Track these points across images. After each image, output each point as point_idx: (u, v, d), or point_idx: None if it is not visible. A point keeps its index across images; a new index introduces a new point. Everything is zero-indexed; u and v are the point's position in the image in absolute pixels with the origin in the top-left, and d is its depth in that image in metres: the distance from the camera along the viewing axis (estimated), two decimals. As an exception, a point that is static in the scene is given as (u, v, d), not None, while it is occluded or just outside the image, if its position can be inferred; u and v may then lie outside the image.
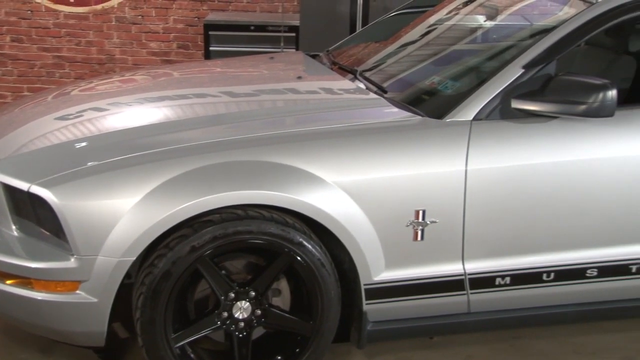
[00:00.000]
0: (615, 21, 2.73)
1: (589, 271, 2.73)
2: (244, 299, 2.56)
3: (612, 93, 2.50)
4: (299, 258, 2.52)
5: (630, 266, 2.75)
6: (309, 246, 2.52)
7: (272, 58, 3.86)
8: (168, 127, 2.76)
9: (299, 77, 3.40)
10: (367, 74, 3.19)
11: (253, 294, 2.57)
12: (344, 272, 2.64)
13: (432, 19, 3.62)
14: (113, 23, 6.31)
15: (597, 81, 2.53)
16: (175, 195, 2.40)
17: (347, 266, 2.62)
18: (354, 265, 2.57)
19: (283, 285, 2.66)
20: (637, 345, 2.98)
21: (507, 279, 2.70)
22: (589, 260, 2.72)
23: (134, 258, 2.41)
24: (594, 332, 3.05)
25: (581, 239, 2.71)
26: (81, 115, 2.94)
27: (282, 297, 2.66)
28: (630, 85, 3.57)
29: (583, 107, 2.52)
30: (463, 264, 2.66)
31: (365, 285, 2.60)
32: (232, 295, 2.55)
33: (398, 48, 3.49)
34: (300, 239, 2.50)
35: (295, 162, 2.50)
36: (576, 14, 2.73)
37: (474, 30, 3.42)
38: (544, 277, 2.72)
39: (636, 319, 3.04)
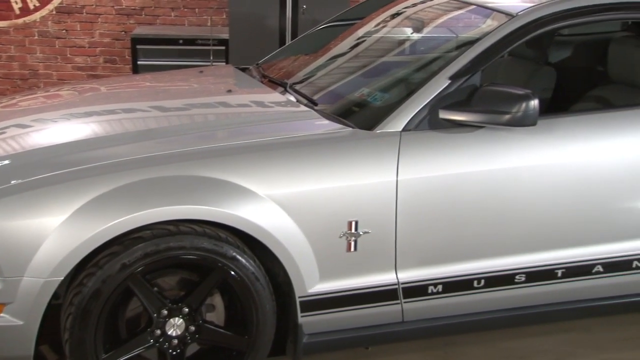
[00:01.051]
0: (534, 33, 2.81)
1: (517, 277, 2.80)
2: (177, 316, 2.52)
3: (534, 103, 2.58)
4: (232, 273, 2.50)
5: (556, 270, 2.82)
6: (243, 260, 2.50)
7: (201, 72, 3.83)
8: (96, 143, 2.71)
9: (229, 91, 3.39)
10: (297, 87, 3.20)
11: (186, 310, 2.53)
12: (279, 285, 2.63)
13: (360, 32, 3.66)
14: (36, 37, 6.16)
15: (520, 91, 2.60)
16: (104, 212, 2.35)
17: (281, 279, 2.61)
18: (288, 278, 2.57)
19: (217, 300, 2.63)
20: (565, 347, 3.06)
21: (439, 287, 2.73)
22: (518, 266, 2.79)
23: (62, 278, 2.35)
24: (523, 336, 3.12)
25: (509, 246, 2.77)
26: (3, 133, 2.86)
27: (216, 312, 2.64)
28: (551, 94, 3.69)
29: (507, 116, 2.58)
30: (396, 274, 2.69)
31: (300, 297, 2.59)
32: (165, 312, 2.51)
33: (328, 60, 3.52)
34: (234, 254, 2.49)
35: (227, 176, 2.48)
36: (498, 27, 2.81)
37: (401, 42, 3.47)
38: (475, 284, 2.77)
39: (563, 322, 3.13)
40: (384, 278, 2.68)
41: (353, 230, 2.59)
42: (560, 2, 2.89)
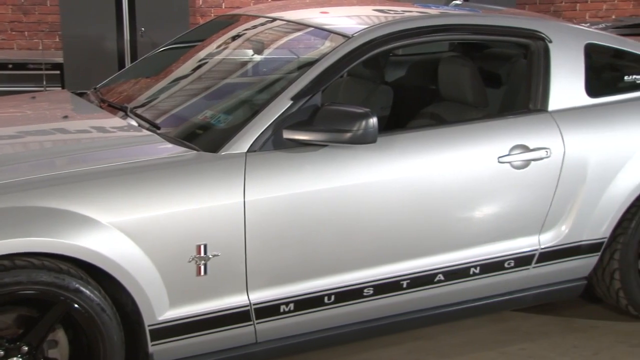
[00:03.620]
0: (370, 54, 2.92)
1: (366, 290, 2.87)
2: (16, 356, 2.37)
3: (373, 121, 2.67)
4: (76, 305, 2.39)
5: (402, 282, 2.93)
6: (87, 292, 2.40)
7: (34, 97, 3.65)
8: None
9: (65, 117, 3.25)
10: (138, 111, 3.12)
11: (26, 348, 2.39)
12: (127, 314, 2.54)
13: (202, 54, 3.65)
14: None
15: (359, 110, 2.69)
16: None
17: (129, 308, 2.53)
18: (136, 307, 2.49)
19: (60, 335, 2.50)
20: (413, 356, 3.17)
21: (291, 306, 2.76)
22: (365, 279, 2.86)
23: None
24: (374, 348, 3.20)
25: (356, 261, 2.84)
26: None
27: (59, 348, 2.50)
28: (389, 112, 3.85)
29: (348, 135, 2.66)
30: (248, 295, 2.68)
31: (149, 326, 2.52)
32: (2, 352, 2.35)
33: (169, 83, 3.47)
34: (77, 285, 2.38)
35: (67, 205, 2.38)
36: (335, 48, 2.90)
37: (243, 64, 3.49)
38: (326, 300, 2.81)
39: (410, 331, 3.24)
40: (236, 300, 2.66)
41: (202, 254, 2.56)
42: (393, 23, 3.03)
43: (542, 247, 3.15)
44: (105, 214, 2.42)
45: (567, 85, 3.20)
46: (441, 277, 2.99)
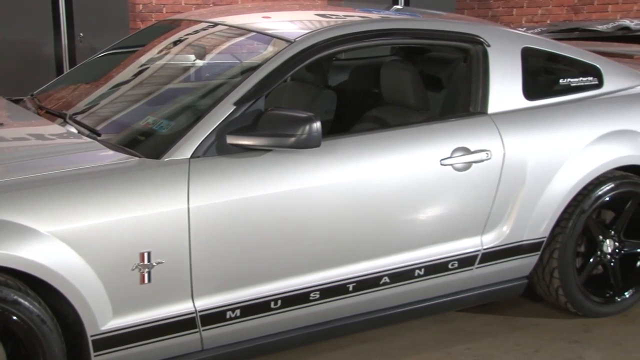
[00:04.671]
0: (312, 58, 2.93)
1: (312, 294, 2.87)
2: (-47, 372, 2.30)
3: (317, 125, 2.68)
4: (15, 317, 2.32)
5: (348, 285, 2.94)
6: (26, 303, 2.34)
7: (-34, 104, 3.55)
8: None
9: (1, 124, 3.16)
10: (78, 118, 3.07)
11: (-37, 364, 2.32)
12: (69, 324, 2.49)
13: (143, 59, 3.60)
14: None
15: (303, 114, 2.69)
16: None
17: (71, 319, 2.48)
18: (78, 317, 2.44)
19: (-2, 349, 2.43)
20: (359, 358, 3.18)
21: (238, 312, 2.74)
22: (312, 284, 2.86)
23: None
24: (321, 352, 3.20)
25: (302, 265, 2.84)
26: None
27: (-3, 363, 2.44)
28: (333, 116, 3.87)
29: (292, 139, 2.66)
30: (193, 302, 2.65)
31: (92, 336, 2.48)
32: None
33: (110, 89, 3.41)
34: (15, 297, 2.32)
35: (3, 215, 2.33)
36: (277, 53, 2.90)
37: (186, 69, 3.46)
38: (272, 305, 2.80)
39: (357, 333, 3.25)
40: (181, 307, 2.63)
41: (146, 262, 2.53)
42: (335, 28, 3.04)
43: (485, 247, 3.20)
44: (45, 223, 2.37)
45: (505, 88, 3.27)
46: (387, 279, 3.02)
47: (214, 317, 2.70)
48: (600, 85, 3.52)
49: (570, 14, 6.70)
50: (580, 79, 3.49)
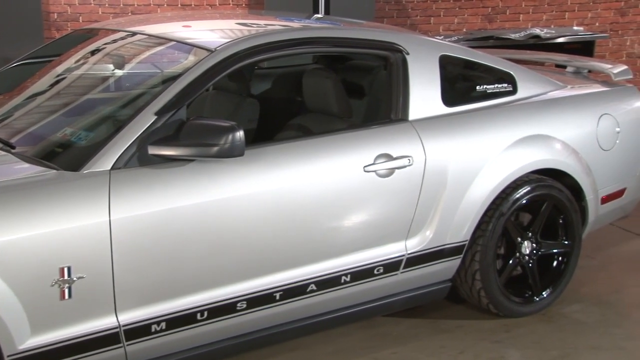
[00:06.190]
0: (234, 67, 2.92)
1: (239, 304, 2.85)
2: None
3: (240, 134, 2.66)
4: None
5: (275, 294, 2.93)
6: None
7: None
8: None
9: None
10: (-9, 130, 2.96)
11: None
12: (-16, 346, 2.39)
13: (59, 69, 3.51)
14: None
15: (226, 124, 2.67)
16: None
17: (-13, 339, 2.38)
18: (-5, 337, 2.35)
19: None
20: (288, 366, 3.20)
21: (163, 325, 2.69)
22: (238, 294, 2.84)
23: None
24: (249, 361, 3.19)
25: (228, 275, 2.82)
26: None
27: None
28: (257, 125, 3.86)
29: (215, 149, 2.64)
30: (117, 316, 2.59)
31: (9, 356, 2.39)
32: None
33: (25, 100, 3.31)
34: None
35: None
36: (198, 62, 2.87)
37: (104, 79, 3.39)
38: (198, 316, 2.77)
39: (285, 342, 3.25)
40: (104, 322, 2.57)
41: (66, 277, 2.46)
42: (256, 37, 3.04)
43: (409, 252, 3.25)
44: (-43, 240, 2.27)
45: (425, 95, 3.33)
46: (313, 287, 3.02)
47: (139, 331, 2.64)
48: (514, 91, 3.63)
49: (485, 22, 6.89)
50: (496, 85, 3.59)
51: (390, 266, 3.21)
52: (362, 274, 3.14)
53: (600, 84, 4.07)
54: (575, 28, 6.82)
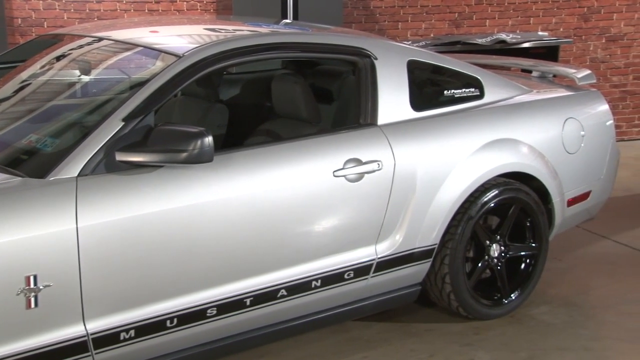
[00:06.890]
0: (202, 72, 2.90)
1: (209, 311, 2.84)
2: None
3: (209, 139, 2.65)
4: None
5: (245, 299, 2.92)
6: None
7: None
8: None
9: None
10: (-46, 137, 2.91)
11: None
12: (-51, 357, 2.35)
13: (23, 75, 3.46)
14: None
15: (194, 129, 2.66)
16: None
17: (-49, 351, 2.34)
18: (-44, 349, 2.31)
19: None
20: (260, 372, 3.18)
21: (132, 332, 2.67)
22: (208, 300, 2.83)
23: None
24: (220, 368, 3.17)
25: (198, 281, 2.80)
26: None
27: None
28: (226, 130, 3.84)
29: (184, 154, 2.62)
30: (85, 325, 2.56)
31: (-25, 368, 2.35)
32: None
33: (-12, 107, 3.26)
34: None
35: None
36: (166, 67, 2.85)
37: (70, 85, 3.35)
38: (168, 323, 2.75)
39: (256, 348, 3.24)
40: (72, 331, 2.54)
41: (32, 286, 2.42)
42: (224, 42, 3.03)
43: (379, 256, 3.26)
44: None
45: (393, 100, 3.35)
46: (284, 292, 3.02)
47: (107, 339, 2.62)
48: (481, 96, 3.67)
49: (452, 27, 6.95)
50: (463, 90, 3.63)
51: (361, 270, 3.22)
52: (332, 278, 3.14)
53: (565, 89, 4.13)
54: (540, 33, 6.91)
